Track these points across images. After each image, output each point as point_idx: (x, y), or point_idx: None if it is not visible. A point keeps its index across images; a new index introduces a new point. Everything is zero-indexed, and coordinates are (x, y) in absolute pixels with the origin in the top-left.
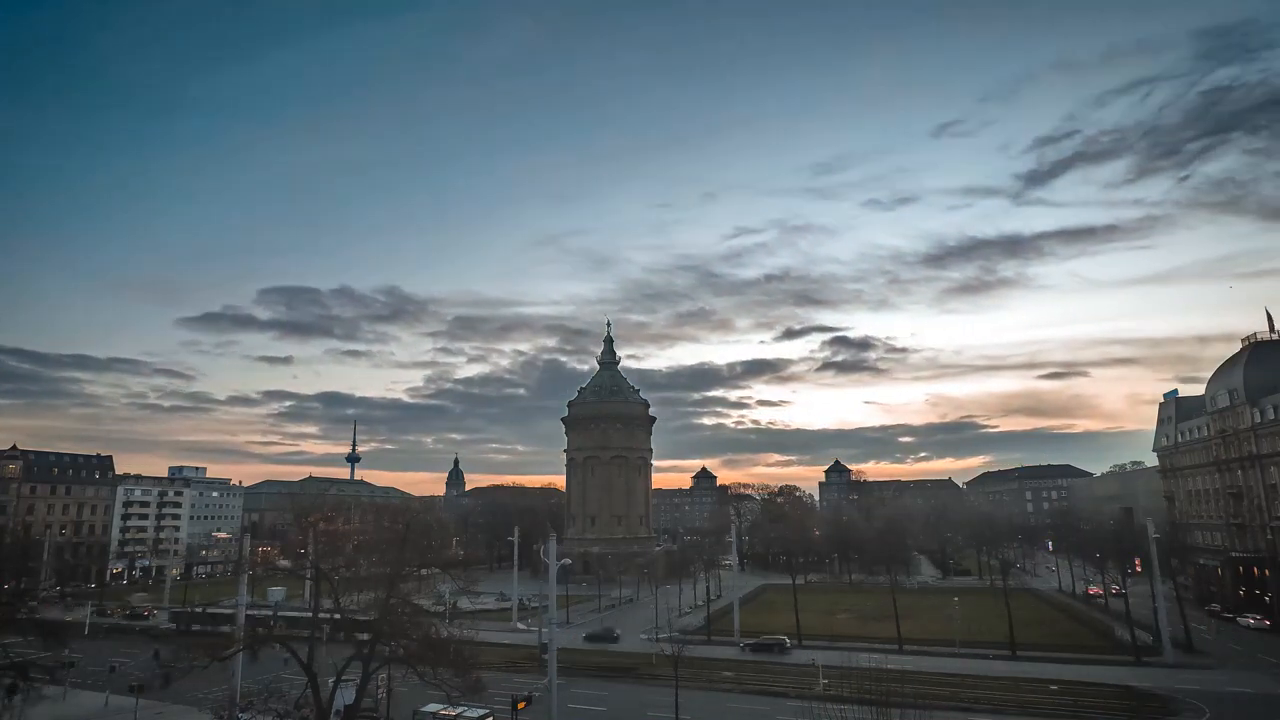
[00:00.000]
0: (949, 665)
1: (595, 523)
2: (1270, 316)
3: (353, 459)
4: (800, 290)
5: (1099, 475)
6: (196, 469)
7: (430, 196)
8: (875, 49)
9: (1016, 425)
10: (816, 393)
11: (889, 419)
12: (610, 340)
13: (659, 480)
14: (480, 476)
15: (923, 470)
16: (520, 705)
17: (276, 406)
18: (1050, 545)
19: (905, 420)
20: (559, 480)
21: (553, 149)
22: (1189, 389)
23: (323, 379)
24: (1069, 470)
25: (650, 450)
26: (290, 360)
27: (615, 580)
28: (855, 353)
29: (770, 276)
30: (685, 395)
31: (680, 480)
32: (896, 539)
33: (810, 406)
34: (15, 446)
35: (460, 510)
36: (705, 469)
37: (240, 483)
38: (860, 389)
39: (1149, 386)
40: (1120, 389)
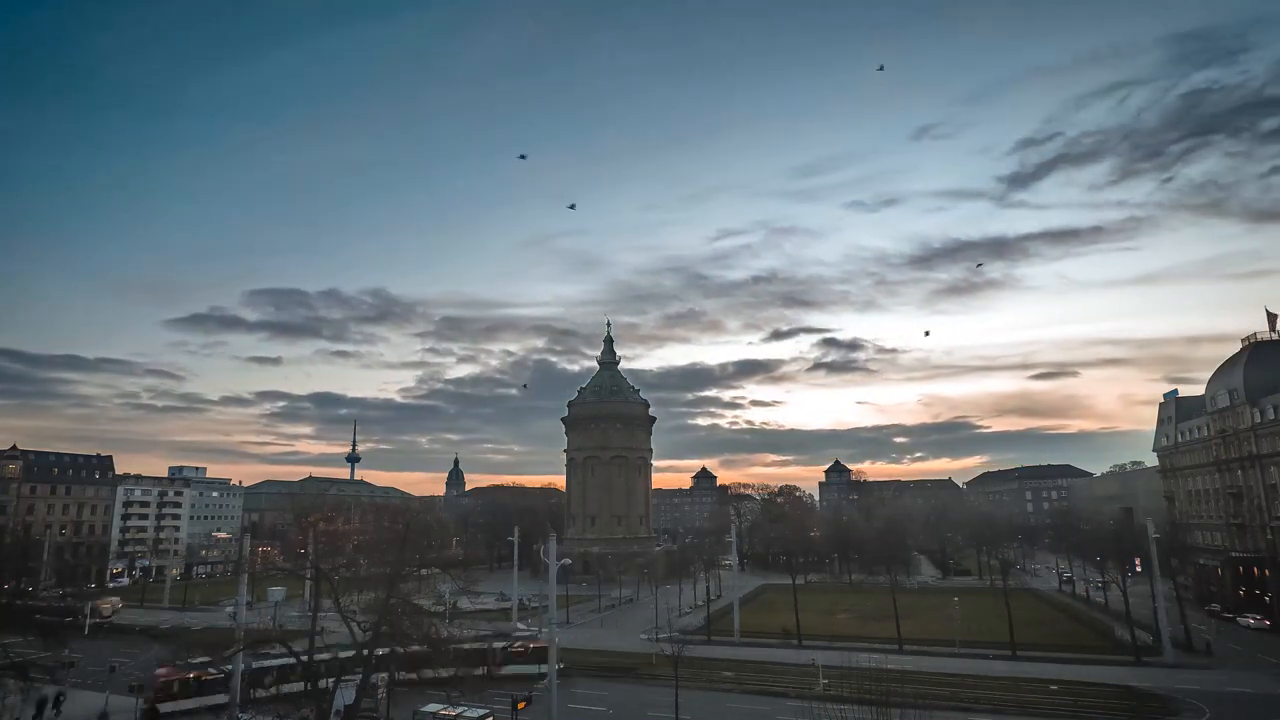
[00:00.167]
0: (949, 665)
1: (595, 523)
2: (1270, 316)
3: (352, 459)
4: (788, 292)
5: (1099, 475)
6: (196, 469)
7: (416, 198)
8: (852, 52)
9: (1011, 425)
10: (809, 393)
11: (883, 419)
12: (610, 340)
13: (658, 480)
14: (479, 476)
15: (920, 470)
16: (520, 705)
17: (270, 407)
18: (1049, 545)
19: (899, 420)
20: (559, 480)
21: (539, 151)
22: (1182, 389)
23: (314, 379)
24: (1069, 470)
25: (650, 450)
26: (279, 361)
27: (615, 580)
28: (845, 354)
29: (758, 278)
30: (678, 395)
31: (678, 480)
32: (896, 539)
33: (803, 407)
34: (15, 446)
35: (460, 510)
36: (705, 469)
37: (240, 483)
38: (852, 389)
39: (1141, 387)
40: (1113, 389)
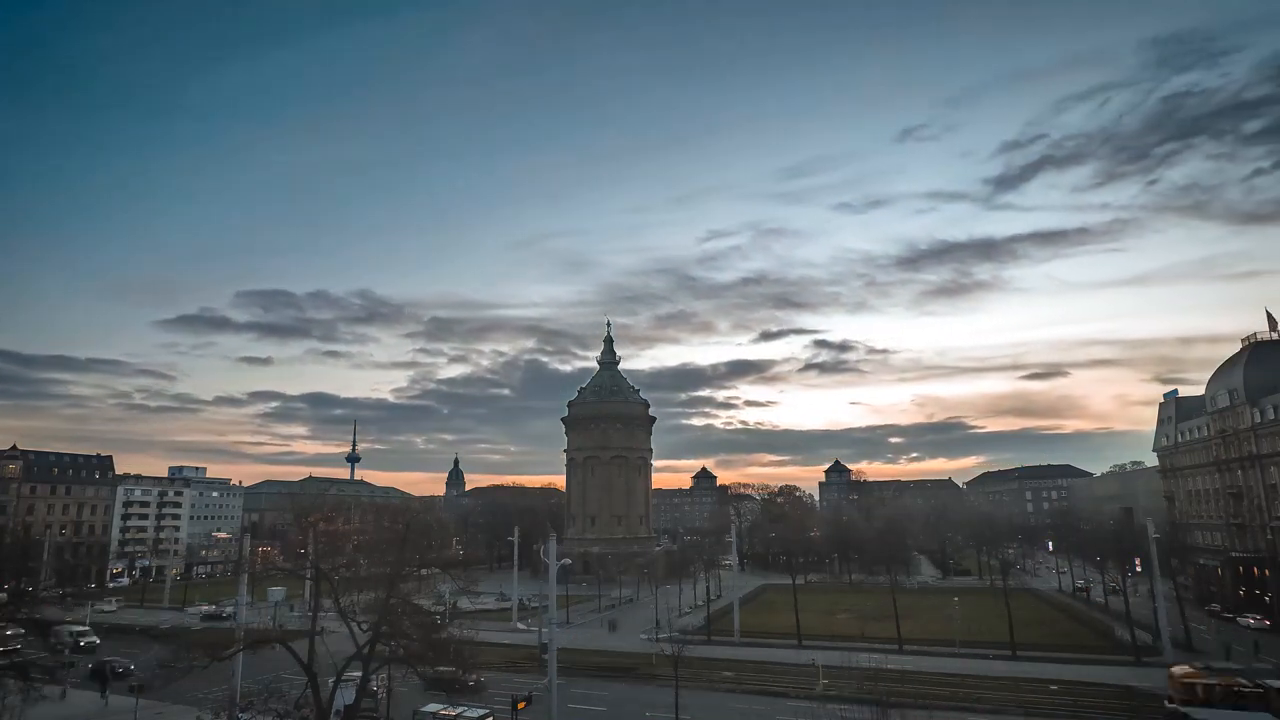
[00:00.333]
0: (949, 665)
1: (595, 523)
2: (1270, 316)
3: (352, 459)
4: (778, 293)
5: (1099, 475)
6: (196, 469)
7: (404, 200)
8: (837, 55)
9: (1006, 426)
10: (803, 394)
11: (877, 420)
12: (610, 340)
13: (658, 480)
14: (478, 477)
15: (917, 470)
16: (520, 705)
17: (263, 407)
18: (1050, 545)
19: (893, 421)
20: (559, 480)
21: (528, 152)
22: (1177, 390)
23: (306, 380)
24: (1069, 470)
25: (650, 450)
26: (270, 361)
27: (615, 580)
28: (836, 354)
29: (747, 280)
30: (671, 396)
31: (678, 480)
32: (896, 539)
33: (798, 407)
34: (15, 446)
35: (460, 510)
36: (705, 469)
37: (240, 483)
38: (845, 390)
39: (1134, 387)
40: (1107, 390)
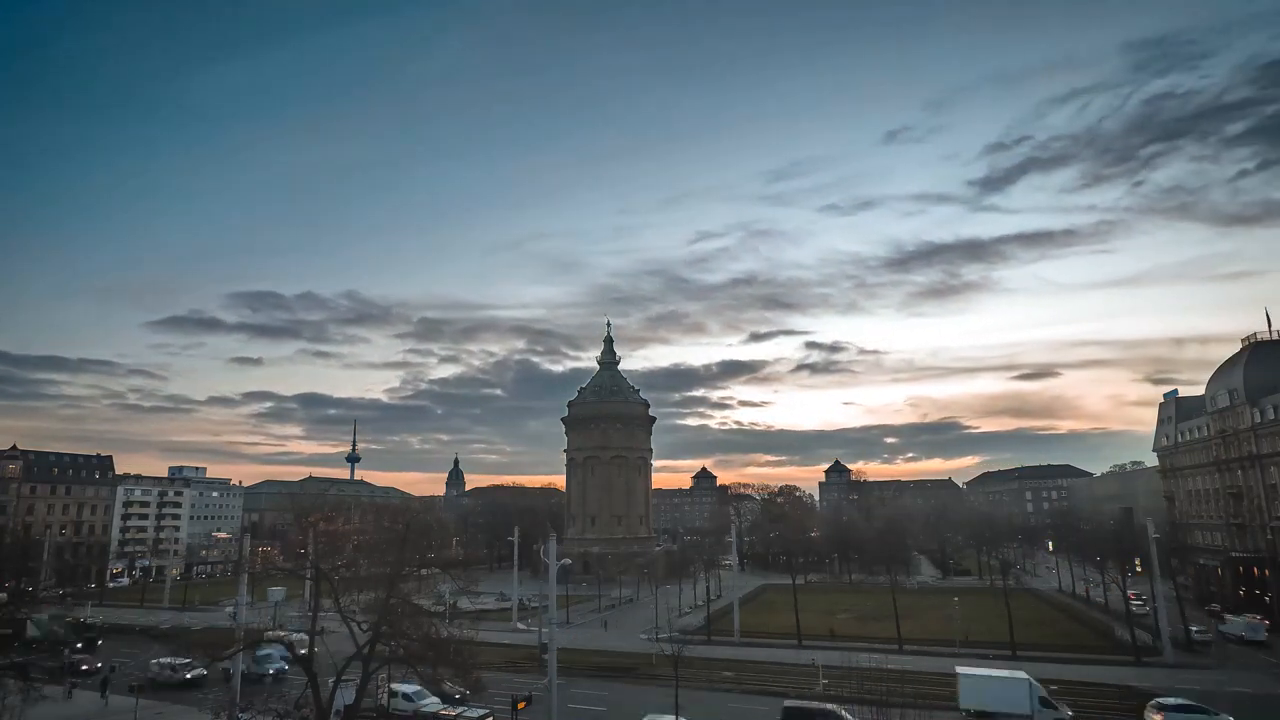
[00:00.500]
0: (949, 665)
1: (595, 523)
2: (1270, 316)
3: (352, 459)
4: (768, 294)
5: (1099, 475)
6: (196, 469)
7: (391, 202)
8: (818, 58)
9: (1001, 426)
10: (797, 394)
11: (871, 420)
12: (610, 340)
13: (658, 480)
14: (478, 477)
15: (915, 470)
16: (520, 705)
17: (257, 407)
18: (1050, 545)
19: (887, 421)
20: (559, 480)
21: (513, 155)
22: (1170, 390)
23: (298, 380)
24: (1069, 470)
25: (650, 450)
26: (260, 361)
27: (615, 580)
28: (827, 355)
29: (737, 281)
30: (665, 396)
31: (678, 480)
32: (896, 539)
33: (792, 407)
34: (15, 446)
35: (460, 510)
36: (705, 469)
37: (240, 483)
38: (839, 390)
39: (1127, 388)
40: (1100, 390)
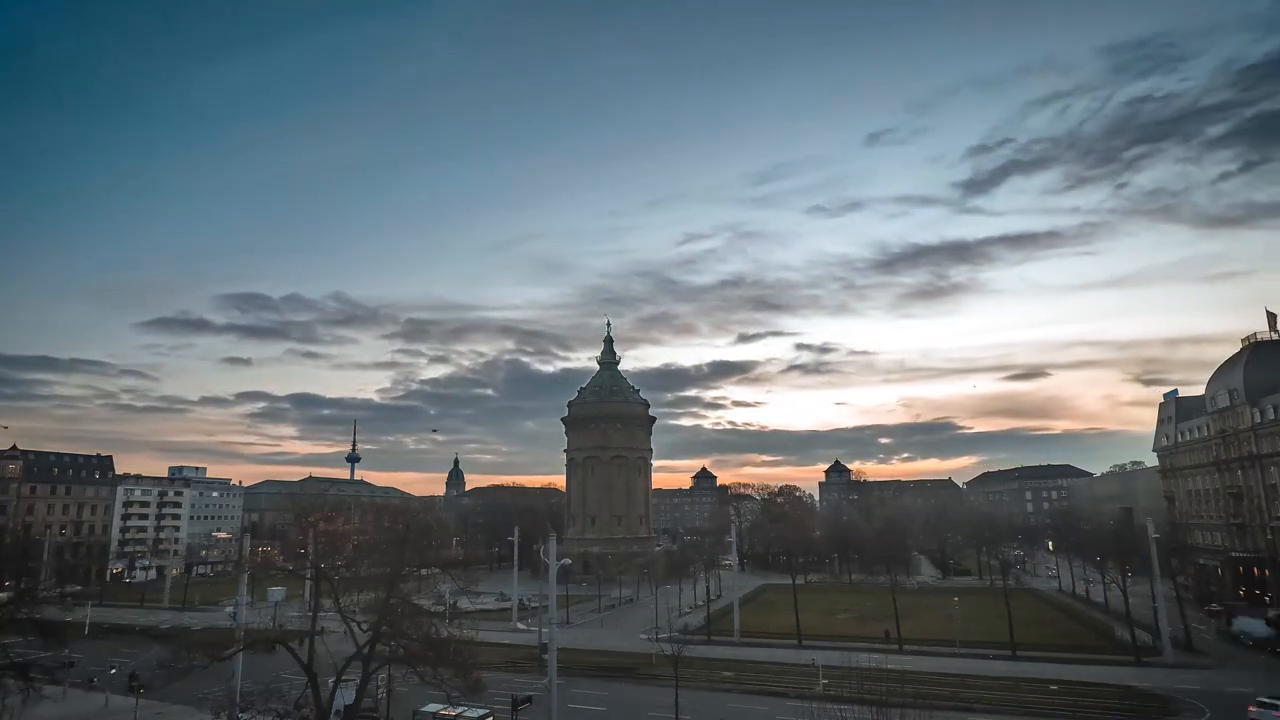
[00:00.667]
0: (949, 665)
1: (595, 523)
2: (1270, 316)
3: (352, 459)
4: (757, 295)
5: (1099, 475)
6: (196, 469)
7: (376, 204)
8: (798, 60)
9: (995, 426)
10: (790, 394)
11: (865, 420)
12: (610, 340)
13: (658, 480)
14: (477, 477)
15: (912, 470)
16: (520, 705)
17: (251, 407)
18: (1050, 545)
19: (880, 421)
20: (558, 480)
21: (497, 158)
22: (1165, 390)
23: (288, 380)
24: (1068, 470)
25: (650, 450)
26: (250, 362)
27: (615, 580)
28: (817, 356)
29: (725, 282)
30: (657, 397)
31: (678, 480)
32: (896, 539)
33: (785, 408)
34: (15, 446)
35: (460, 510)
36: (705, 469)
37: (240, 483)
38: (831, 391)
39: (1120, 388)
40: (1094, 390)
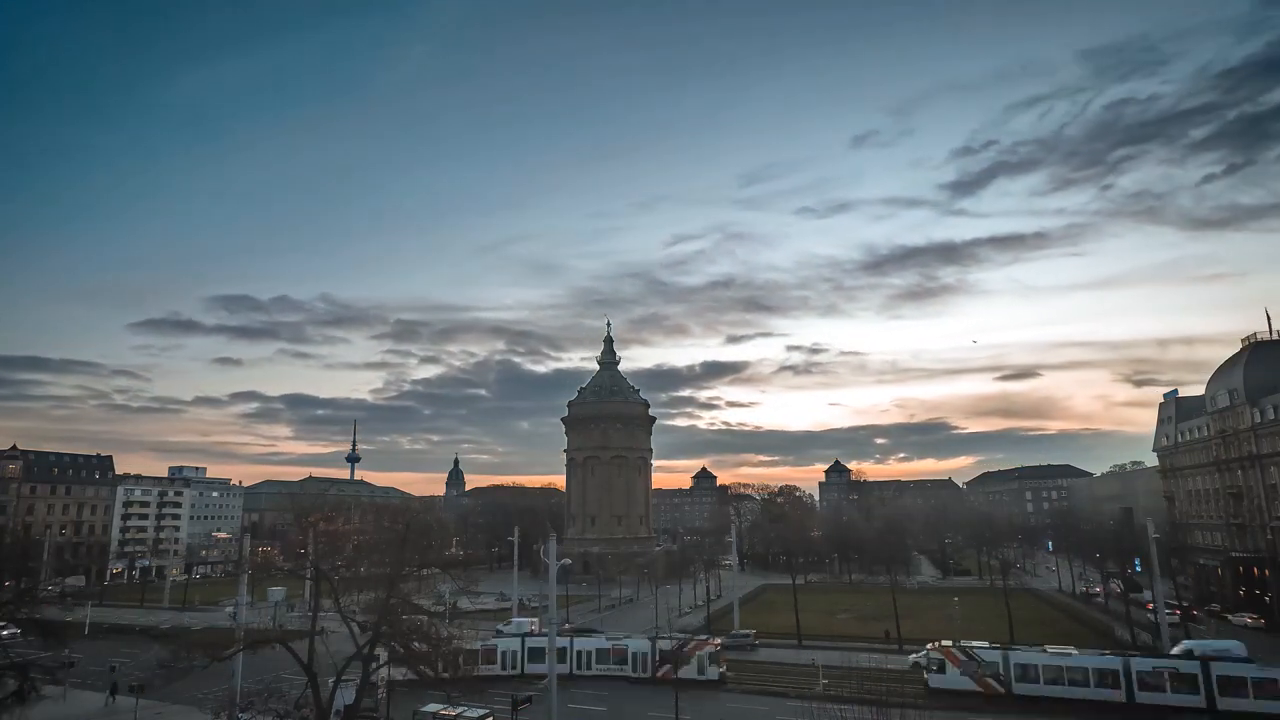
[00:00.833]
0: None
1: (595, 523)
2: (1270, 317)
3: (352, 459)
4: (747, 296)
5: (1099, 475)
6: (196, 469)
7: (363, 205)
8: (781, 62)
9: (990, 426)
10: (784, 395)
11: (859, 420)
12: (610, 340)
13: (658, 480)
14: (477, 477)
15: (908, 471)
16: (520, 705)
17: (245, 407)
18: (1050, 545)
19: (874, 421)
20: (558, 480)
21: (486, 159)
22: (1159, 391)
23: (280, 381)
24: (1068, 470)
25: (650, 450)
26: (241, 363)
27: (615, 580)
28: (809, 357)
29: (715, 283)
30: (651, 397)
31: (678, 480)
32: (896, 539)
33: (779, 408)
34: (15, 446)
35: (460, 510)
36: (705, 469)
37: (240, 483)
38: (825, 391)
39: (1113, 388)
40: (1087, 390)
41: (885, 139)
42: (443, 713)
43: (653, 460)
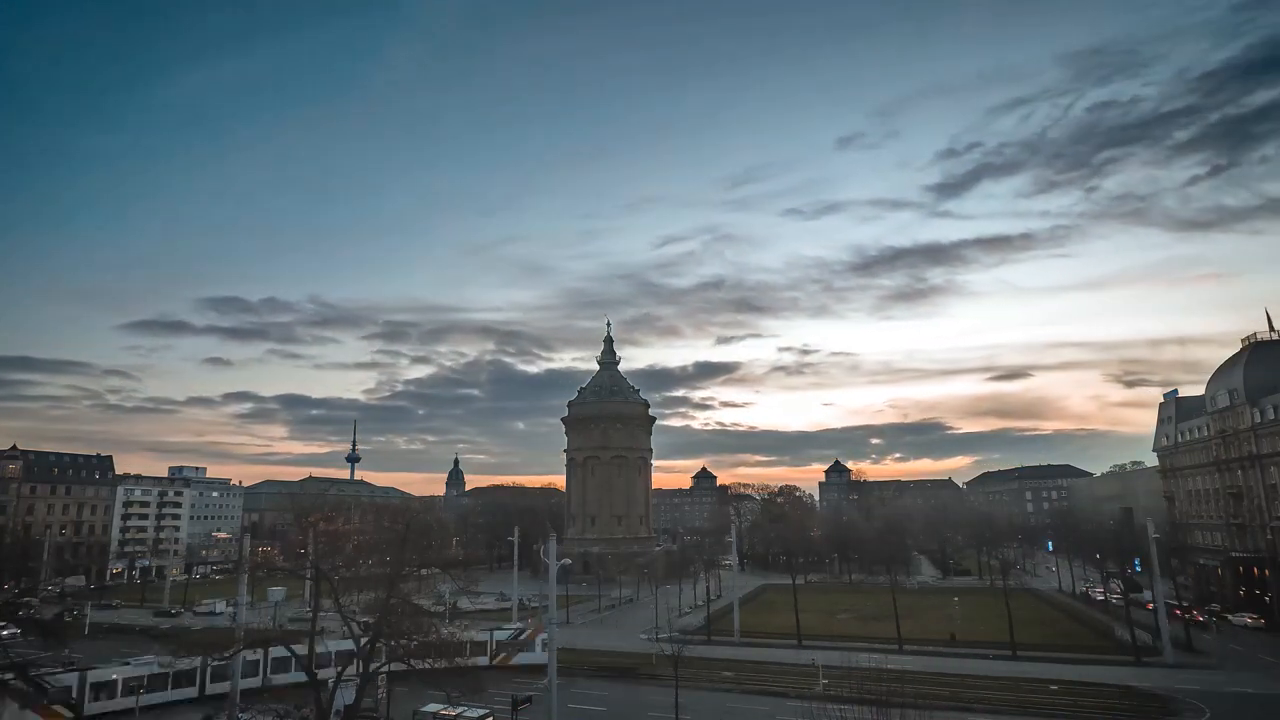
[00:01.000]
0: (949, 665)
1: (595, 523)
2: (1270, 316)
3: (352, 459)
4: (738, 297)
5: (1099, 475)
6: (196, 469)
7: (351, 207)
8: (765, 65)
9: (985, 426)
10: (778, 395)
11: (853, 421)
12: (610, 340)
13: (657, 480)
14: (477, 477)
15: (905, 471)
16: (521, 705)
17: (238, 408)
18: (1050, 545)
19: (869, 422)
20: (558, 480)
21: (474, 162)
22: (1154, 391)
23: (275, 381)
24: (1068, 470)
25: (650, 450)
26: (232, 363)
27: (615, 580)
28: (801, 357)
29: (705, 284)
30: (646, 397)
31: (677, 480)
32: (896, 539)
33: (774, 408)
34: (15, 446)
35: (460, 510)
36: (705, 469)
37: (240, 483)
38: (818, 392)
39: (1107, 388)
40: (1082, 391)
41: (870, 141)
42: (443, 713)
43: (653, 460)
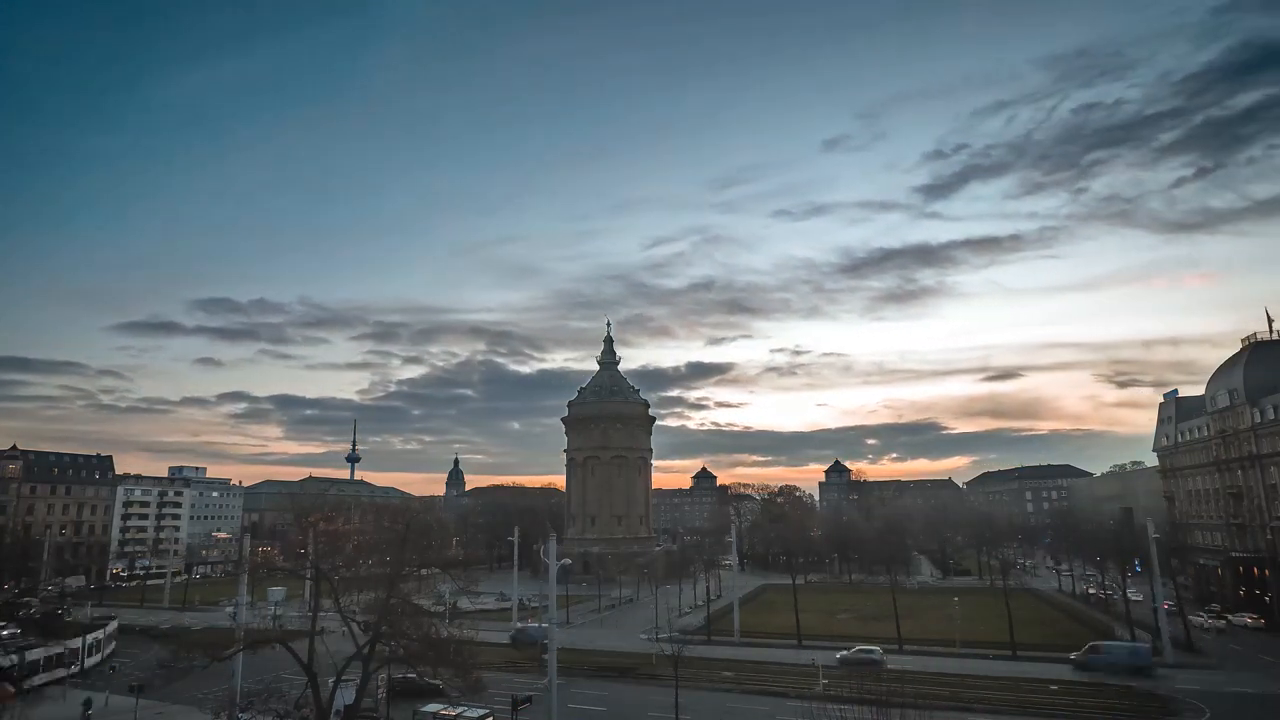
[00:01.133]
0: (949, 665)
1: (595, 523)
2: (1270, 316)
3: (353, 459)
4: (729, 299)
5: (1099, 475)
6: (196, 469)
7: (345, 209)
8: (751, 67)
9: (980, 426)
10: (773, 395)
11: (848, 421)
12: (610, 340)
13: (657, 480)
14: (477, 477)
15: (902, 471)
16: (521, 705)
17: (232, 408)
18: (1050, 545)
19: (864, 422)
20: (558, 480)
21: (463, 162)
22: (1152, 392)
23: (267, 381)
24: (1068, 470)
25: (650, 450)
26: (224, 364)
27: (615, 580)
28: (793, 358)
29: (696, 285)
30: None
31: (677, 480)
32: (896, 539)
33: (769, 409)
34: (15, 446)
35: (460, 510)
36: (705, 469)
37: (240, 483)
38: (812, 392)
39: (1101, 388)
40: (1077, 391)
41: (857, 143)
42: (443, 713)
43: (652, 460)
